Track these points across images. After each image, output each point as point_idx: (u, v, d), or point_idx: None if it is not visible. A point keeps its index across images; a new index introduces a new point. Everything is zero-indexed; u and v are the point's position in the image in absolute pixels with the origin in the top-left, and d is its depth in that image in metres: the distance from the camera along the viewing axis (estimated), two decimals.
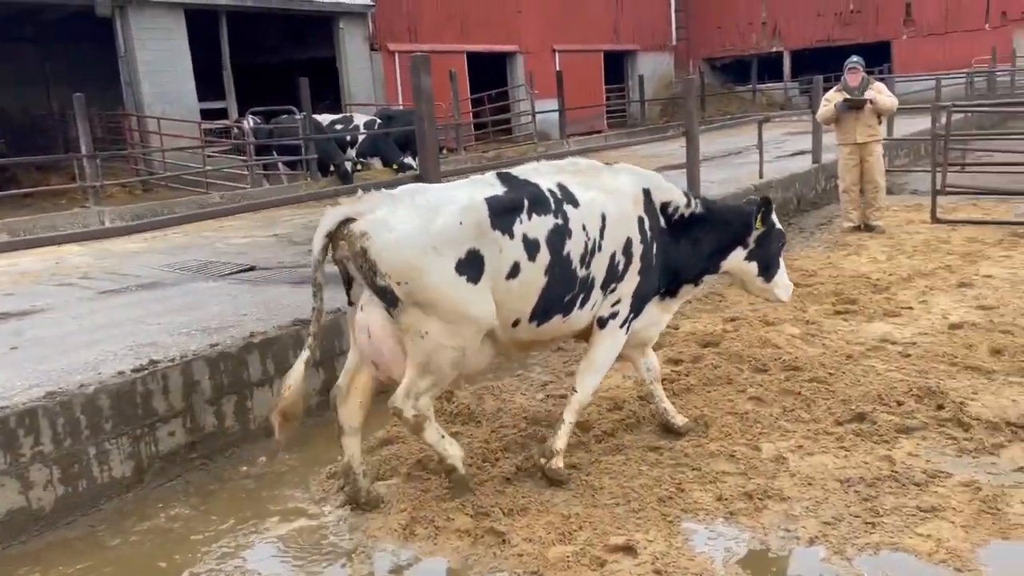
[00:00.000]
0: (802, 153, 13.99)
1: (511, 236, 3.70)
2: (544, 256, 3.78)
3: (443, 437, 3.92)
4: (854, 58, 9.02)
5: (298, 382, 3.65)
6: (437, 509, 3.96)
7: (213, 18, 19.47)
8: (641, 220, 4.16)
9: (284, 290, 6.57)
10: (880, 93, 8.83)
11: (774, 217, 4.52)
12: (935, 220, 9.81)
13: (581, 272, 3.94)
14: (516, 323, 3.86)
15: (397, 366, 3.73)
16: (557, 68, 27.14)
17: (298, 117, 14.76)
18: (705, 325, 6.54)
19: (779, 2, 34.25)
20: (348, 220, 3.54)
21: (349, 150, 14.50)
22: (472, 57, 26.23)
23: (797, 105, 32.58)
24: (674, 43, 35.76)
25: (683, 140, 8.91)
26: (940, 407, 4.69)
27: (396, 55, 23.51)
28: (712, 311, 7.02)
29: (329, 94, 22.58)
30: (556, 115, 23.89)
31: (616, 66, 32.85)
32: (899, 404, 4.76)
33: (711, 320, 6.69)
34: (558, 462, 4.15)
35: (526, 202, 3.78)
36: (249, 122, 15.84)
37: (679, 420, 4.63)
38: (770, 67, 35.27)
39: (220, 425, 4.93)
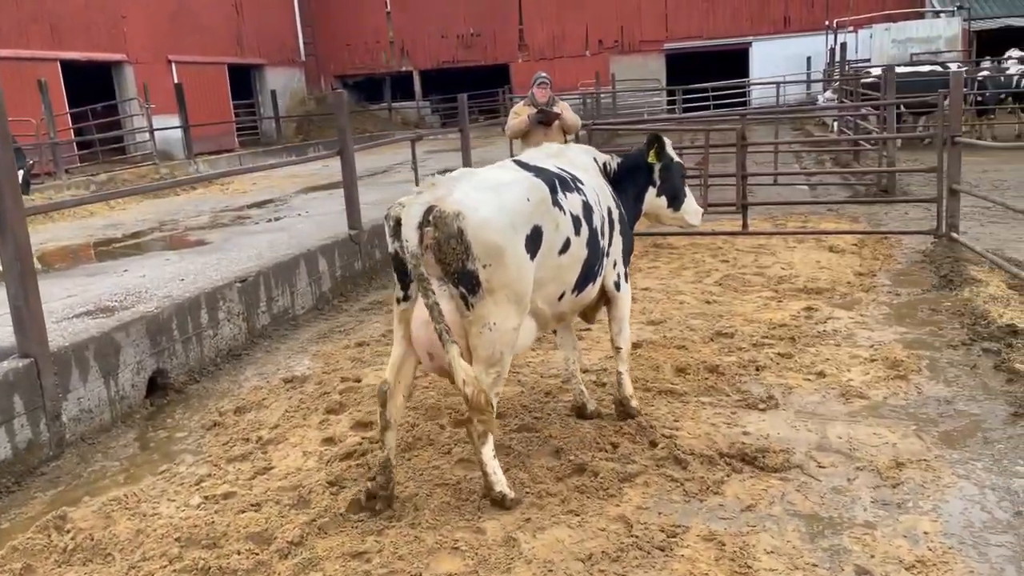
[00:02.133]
0: (448, 170, 13.89)
1: (563, 212, 3.92)
2: (585, 229, 4.06)
3: (495, 458, 3.83)
4: (543, 74, 8.91)
5: (469, 371, 3.52)
6: None
7: None
8: (606, 187, 4.57)
9: None
10: (566, 111, 8.81)
11: (671, 152, 4.88)
12: None
13: (601, 242, 4.25)
14: (562, 296, 4.07)
15: None
16: (175, 81, 24.56)
17: None
18: None
19: (405, 23, 34.86)
20: (430, 207, 3.51)
21: None
22: (69, 66, 22.58)
23: (430, 124, 33.52)
24: (303, 58, 34.65)
25: (326, 159, 8.04)
26: (653, 444, 4.39)
27: None
28: None
29: None
30: (179, 132, 21.49)
31: (244, 81, 30.85)
32: (614, 447, 4.37)
33: None
34: (636, 401, 4.70)
35: (557, 182, 3.99)
36: None
37: (592, 404, 4.83)
38: (402, 86, 35.80)
39: None
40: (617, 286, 4.60)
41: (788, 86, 28.27)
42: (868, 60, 24.63)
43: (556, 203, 3.92)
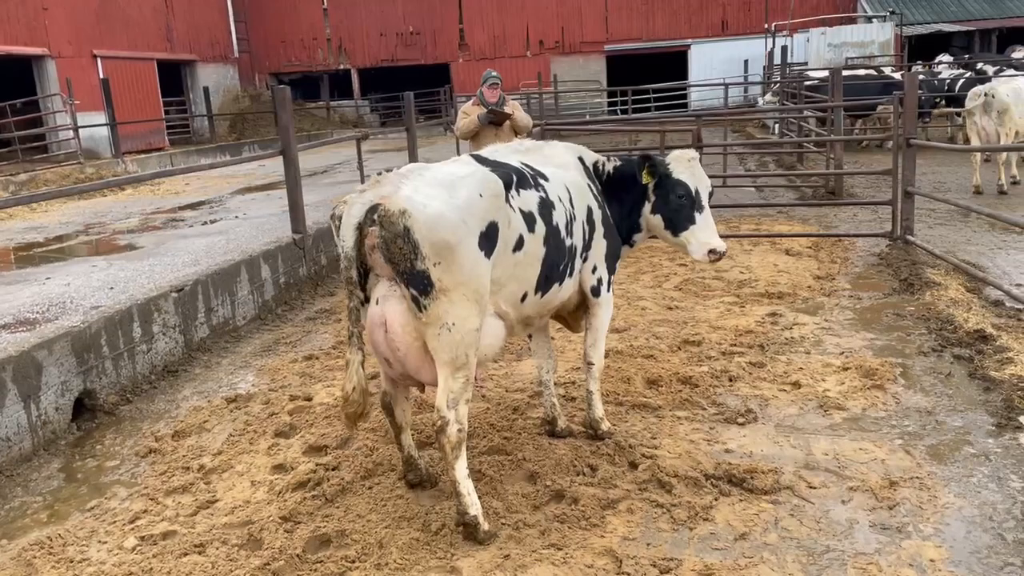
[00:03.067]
0: (391, 170, 13.44)
1: (514, 209, 3.73)
2: (540, 226, 3.85)
3: (469, 477, 3.58)
4: (493, 73, 8.57)
5: (361, 383, 3.48)
6: None
7: None
8: (590, 186, 4.33)
9: None
10: (517, 110, 8.49)
11: (670, 168, 4.46)
12: None
13: (568, 241, 4.04)
14: (524, 297, 3.89)
15: (412, 360, 3.55)
16: (101, 76, 23.44)
17: None
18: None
19: (343, 20, 34.10)
20: (375, 206, 3.35)
21: None
22: None
23: (369, 123, 32.87)
24: (236, 55, 33.58)
25: (263, 159, 7.57)
26: (634, 465, 4.12)
27: None
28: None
29: None
30: (105, 130, 20.48)
31: (174, 77, 29.71)
32: (593, 469, 4.08)
33: None
34: (607, 424, 4.46)
35: (514, 178, 3.82)
36: None
37: (563, 420, 4.57)
38: (339, 84, 35.02)
39: None
40: (596, 291, 4.34)
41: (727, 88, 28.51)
42: (805, 64, 25.02)
43: (509, 199, 3.72)
